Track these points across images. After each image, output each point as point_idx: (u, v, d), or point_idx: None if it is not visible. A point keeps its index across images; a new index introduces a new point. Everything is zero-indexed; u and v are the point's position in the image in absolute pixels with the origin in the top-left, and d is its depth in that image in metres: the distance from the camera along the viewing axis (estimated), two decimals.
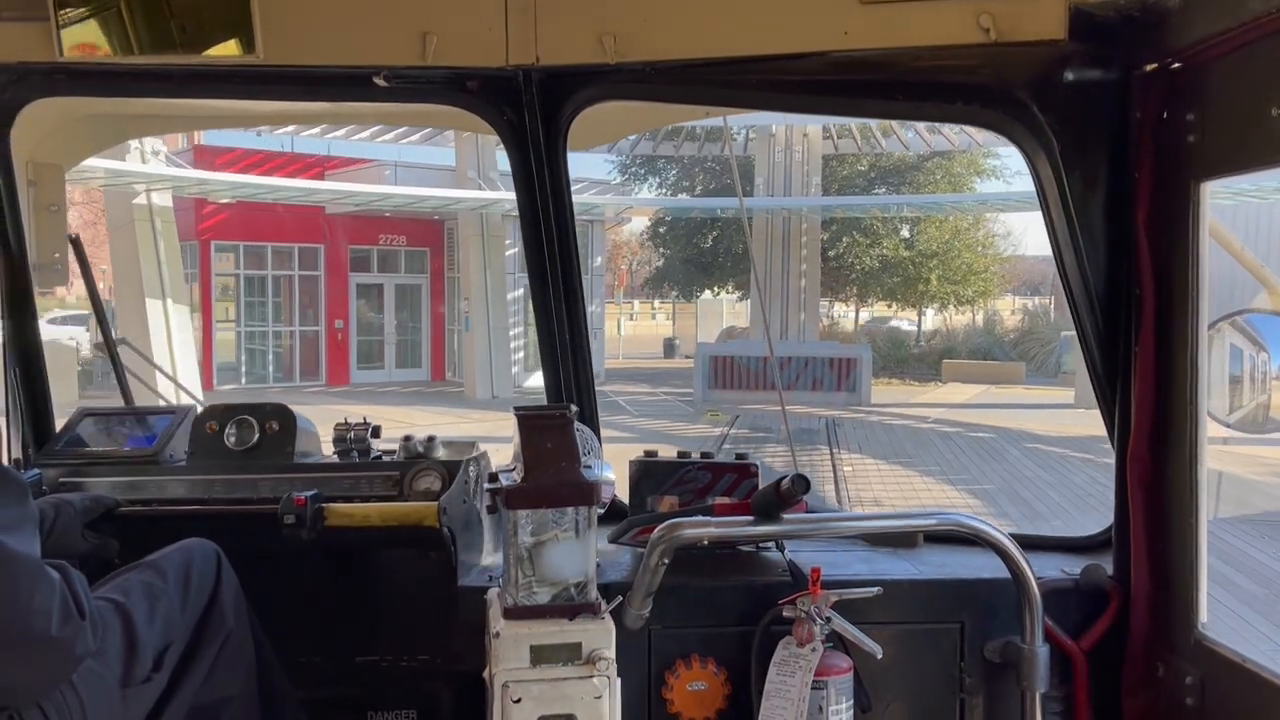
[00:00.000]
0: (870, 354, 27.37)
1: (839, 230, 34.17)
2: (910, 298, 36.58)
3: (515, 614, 2.34)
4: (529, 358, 28.08)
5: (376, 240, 29.78)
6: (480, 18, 2.76)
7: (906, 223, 35.21)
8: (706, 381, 25.81)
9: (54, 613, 1.80)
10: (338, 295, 29.33)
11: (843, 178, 34.99)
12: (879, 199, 33.12)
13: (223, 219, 27.52)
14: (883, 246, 34.47)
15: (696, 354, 27.88)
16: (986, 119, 2.75)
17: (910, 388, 30.01)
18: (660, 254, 40.03)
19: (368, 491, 2.87)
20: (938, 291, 35.35)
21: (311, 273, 29.27)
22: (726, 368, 25.96)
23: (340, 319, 29.35)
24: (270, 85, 2.97)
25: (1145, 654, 2.62)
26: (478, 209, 26.13)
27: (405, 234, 29.98)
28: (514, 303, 27.99)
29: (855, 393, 25.76)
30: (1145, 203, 2.53)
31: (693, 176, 37.56)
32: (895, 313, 41.54)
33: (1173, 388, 2.51)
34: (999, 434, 20.43)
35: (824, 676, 2.52)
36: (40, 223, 3.31)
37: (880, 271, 35.19)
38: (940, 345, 36.11)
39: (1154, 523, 2.59)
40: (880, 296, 38.19)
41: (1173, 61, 2.44)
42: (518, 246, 27.28)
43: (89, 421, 3.17)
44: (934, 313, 38.92)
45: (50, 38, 2.70)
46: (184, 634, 2.33)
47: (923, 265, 34.61)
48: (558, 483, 2.34)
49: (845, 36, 2.66)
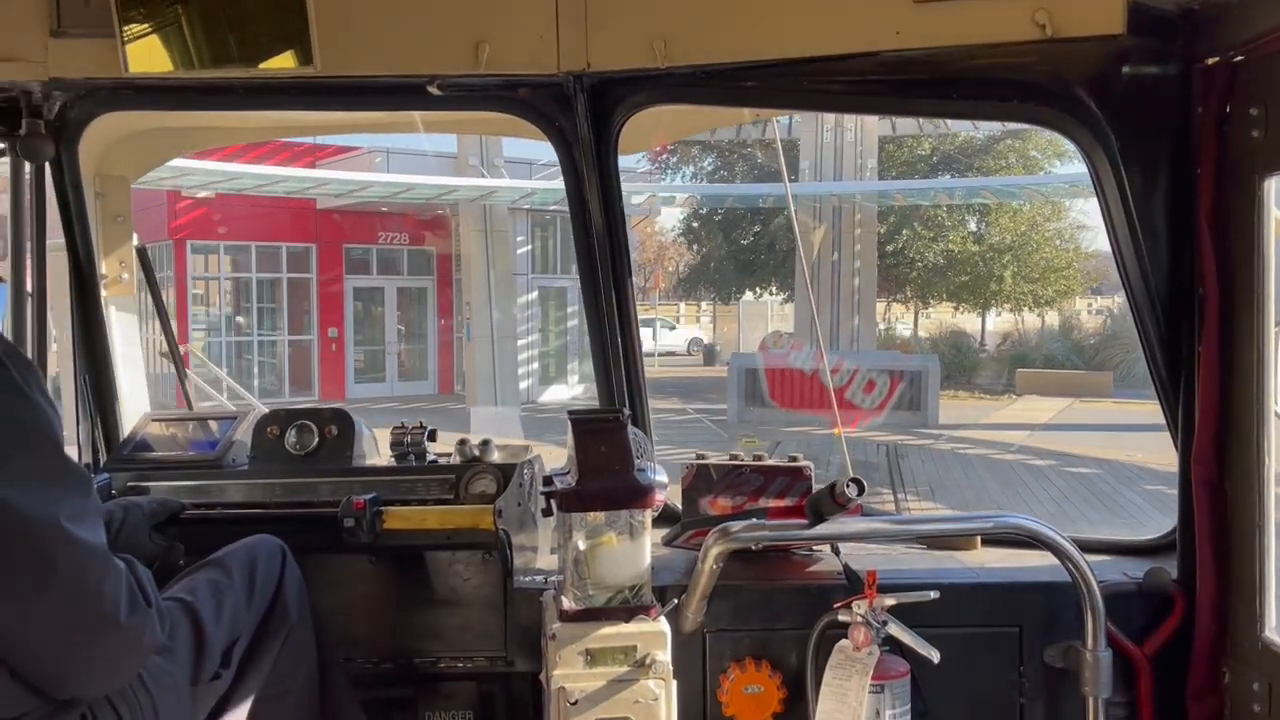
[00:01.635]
0: (938, 366, 23.08)
1: (897, 222, 29.94)
2: (980, 298, 32.28)
3: (571, 616, 2.35)
4: (547, 368, 26.38)
5: (375, 239, 26.59)
6: (532, 25, 2.79)
7: (974, 214, 30.86)
8: (742, 398, 22.17)
9: (122, 600, 1.84)
10: (332, 300, 26.27)
11: (901, 163, 31.01)
12: (944, 183, 28.87)
13: (199, 215, 24.22)
14: (948, 240, 30.27)
15: (730, 366, 23.80)
16: (1043, 117, 2.72)
17: (980, 402, 25.62)
18: (695, 251, 36.21)
19: (424, 495, 2.91)
20: (1012, 291, 31.15)
21: (302, 275, 26.09)
22: (766, 383, 22.19)
23: (334, 327, 26.24)
24: (327, 96, 3.03)
25: (1210, 659, 2.57)
26: (478, 198, 23.30)
27: (407, 231, 26.89)
28: (526, 307, 25.55)
29: (920, 411, 21.75)
30: (1208, 199, 2.48)
31: (731, 165, 33.34)
32: (955, 314, 36.05)
33: (1238, 388, 2.46)
34: (1105, 469, 15.95)
35: (881, 680, 2.50)
36: (107, 233, 3.40)
37: (945, 268, 31.01)
38: (1011, 351, 31.36)
39: (1219, 525, 2.53)
40: (944, 296, 33.44)
41: (1235, 55, 2.39)
42: (530, 244, 25.71)
43: (155, 427, 3.25)
44: (995, 315, 34.58)
45: (117, 54, 2.78)
46: (249, 628, 2.38)
47: (994, 261, 30.61)
48: (612, 486, 2.35)
49: (897, 36, 2.64)
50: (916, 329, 35.98)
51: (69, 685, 1.85)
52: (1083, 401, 24.27)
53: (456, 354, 27.02)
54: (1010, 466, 16.62)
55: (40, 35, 2.85)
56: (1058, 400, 24.22)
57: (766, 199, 26.89)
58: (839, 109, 3.10)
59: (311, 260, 26.06)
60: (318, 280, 26.16)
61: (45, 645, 1.79)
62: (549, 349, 26.85)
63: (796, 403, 20.72)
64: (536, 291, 26.26)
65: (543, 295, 26.53)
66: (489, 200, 23.44)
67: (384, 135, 26.57)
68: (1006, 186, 27.33)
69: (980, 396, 26.33)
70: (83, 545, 1.80)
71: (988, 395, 26.57)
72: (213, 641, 2.20)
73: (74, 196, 3.22)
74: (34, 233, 3.16)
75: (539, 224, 26.34)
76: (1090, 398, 24.54)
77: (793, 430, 17.37)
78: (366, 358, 27.15)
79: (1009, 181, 27.94)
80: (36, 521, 1.75)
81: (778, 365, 21.90)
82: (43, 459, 1.80)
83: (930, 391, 22.06)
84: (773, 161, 27.28)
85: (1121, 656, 2.64)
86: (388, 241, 26.95)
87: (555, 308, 27.05)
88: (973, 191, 27.46)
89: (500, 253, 24.21)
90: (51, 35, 2.85)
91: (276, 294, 26.36)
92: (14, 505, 1.72)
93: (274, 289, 26.37)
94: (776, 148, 14.52)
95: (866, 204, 25.98)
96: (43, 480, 1.78)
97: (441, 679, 2.98)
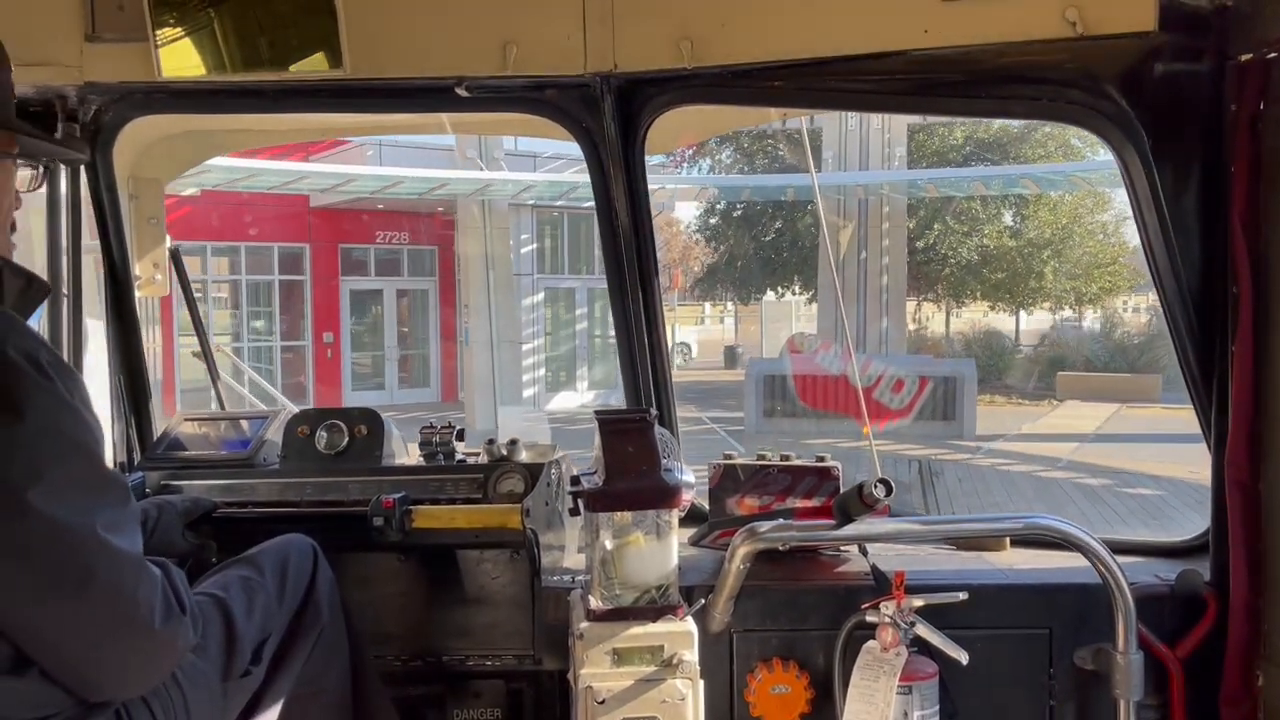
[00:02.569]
0: (975, 371, 20.96)
1: (928, 216, 28.06)
2: (1017, 296, 30.17)
3: (598, 616, 2.36)
4: (555, 374, 24.69)
5: (372, 238, 24.74)
6: (559, 27, 2.80)
7: (1010, 206, 28.77)
8: (760, 407, 20.32)
9: (157, 607, 1.87)
10: (327, 304, 24.36)
11: (932, 152, 28.82)
12: (980, 171, 26.30)
13: (185, 214, 21.15)
14: (983, 234, 28.43)
15: (748, 372, 21.92)
16: (1074, 115, 2.69)
17: (1018, 408, 23.68)
18: (714, 248, 33.86)
19: (453, 494, 2.92)
20: (1053, 288, 29.33)
21: (296, 277, 24.31)
22: (787, 389, 20.17)
23: (330, 332, 24.33)
24: (357, 98, 3.06)
25: (1244, 663, 2.53)
26: (474, 194, 21.19)
27: (408, 230, 24.85)
28: (531, 309, 23.89)
29: (955, 421, 19.67)
30: (1241, 197, 2.45)
31: (751, 156, 30.66)
32: (986, 314, 33.86)
33: (1272, 388, 2.43)
34: (1168, 489, 14.21)
35: (909, 681, 2.49)
36: (141, 235, 3.45)
37: (979, 265, 29.06)
38: (1048, 352, 28.78)
39: (1252, 527, 2.50)
40: (979, 295, 31.22)
41: (1269, 51, 2.36)
42: (535, 243, 24.29)
43: (188, 426, 3.29)
44: (1026, 314, 32.40)
45: (150, 58, 2.82)
46: (281, 626, 2.40)
47: (1033, 257, 28.59)
48: (639, 486, 2.36)
49: (926, 35, 2.62)
50: (949, 329, 34.08)
51: (103, 689, 1.88)
52: (1130, 407, 22.19)
53: (459, 359, 24.59)
54: (1060, 486, 14.93)
55: (75, 40, 2.89)
56: (1102, 406, 22.28)
57: (787, 191, 25.15)
58: (867, 108, 3.08)
59: (305, 261, 24.34)
60: (312, 282, 24.41)
61: (79, 650, 1.82)
62: (557, 353, 25.35)
63: (824, 403, 19.46)
64: (543, 293, 24.79)
65: (550, 296, 25.16)
66: (486, 195, 21.51)
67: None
68: (1049, 174, 24.31)
69: (1018, 402, 24.56)
70: (119, 554, 1.83)
71: (1026, 400, 24.76)
72: (244, 638, 2.23)
73: (109, 199, 3.27)
74: (69, 235, 3.21)
75: (545, 221, 25.00)
76: (1137, 403, 22.39)
77: (817, 442, 14.54)
78: (365, 364, 25.37)
79: (1053, 169, 25.17)
80: (74, 530, 1.78)
81: (805, 367, 20.12)
82: (82, 468, 1.83)
83: (966, 399, 19.95)
84: (794, 154, 25.47)
85: (1153, 659, 2.61)
86: (386, 241, 25.09)
87: (563, 310, 25.68)
88: (1012, 181, 24.75)
89: (500, 251, 22.27)
90: (86, 40, 2.89)
91: (269, 297, 24.75)
92: (52, 515, 1.76)
93: (266, 292, 24.75)
94: (801, 135, 12.88)
95: (895, 196, 23.71)
96: (82, 489, 1.81)
97: (470, 677, 2.99)
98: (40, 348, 1.85)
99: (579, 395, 24.57)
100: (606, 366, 24.95)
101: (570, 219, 25.31)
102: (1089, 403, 22.86)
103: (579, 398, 24.31)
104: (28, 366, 1.79)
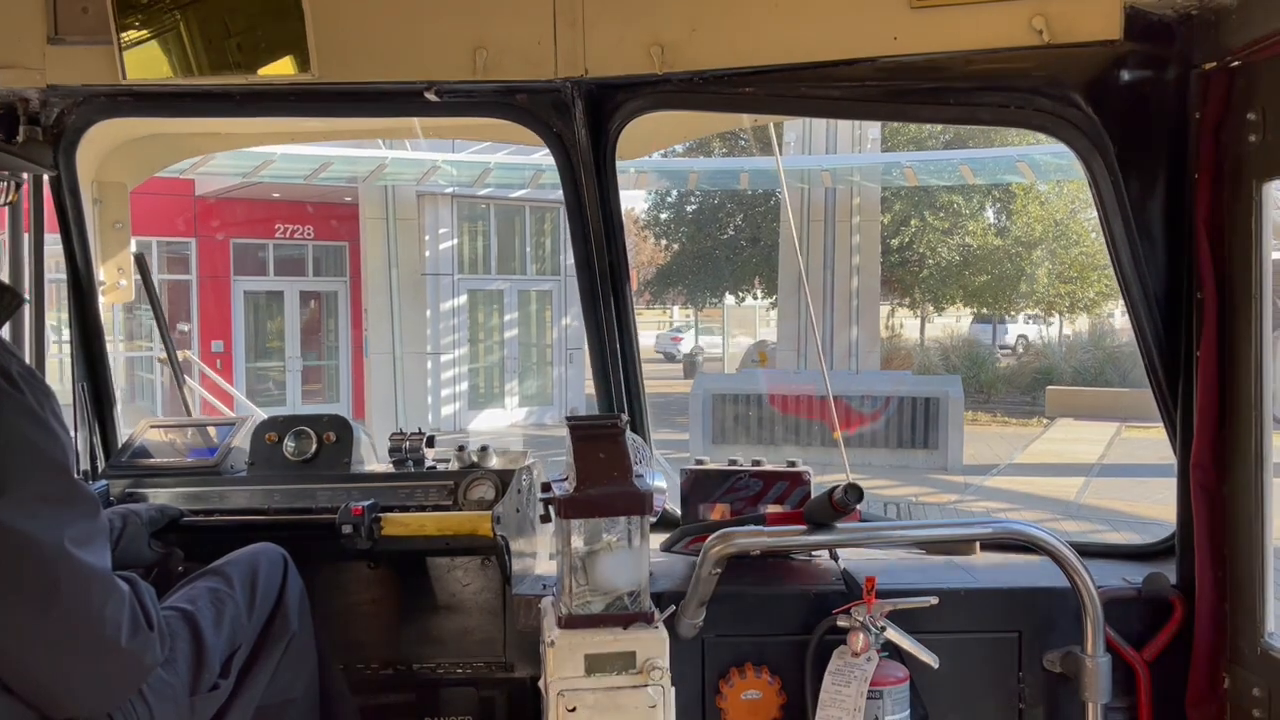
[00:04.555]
0: (960, 390, 17.44)
1: (904, 210, 25.21)
2: (1003, 301, 27.33)
3: (570, 623, 2.35)
4: (478, 389, 21.37)
5: (271, 232, 21.04)
6: (530, 31, 2.79)
7: (995, 200, 25.89)
8: (708, 431, 16.92)
9: (124, 624, 1.84)
10: (217, 307, 20.90)
11: (909, 139, 25.99)
12: (968, 153, 22.11)
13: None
14: (965, 232, 25.52)
15: (694, 389, 18.08)
16: (1040, 122, 2.72)
17: (1005, 427, 20.82)
18: (662, 247, 30.66)
19: (423, 501, 2.90)
20: (1045, 293, 26.26)
21: (180, 277, 20.74)
22: (742, 411, 16.96)
23: (220, 339, 20.74)
24: (325, 103, 3.03)
25: (1210, 665, 2.56)
26: (370, 176, 17.83)
27: (313, 223, 21.20)
28: (451, 314, 20.59)
29: (938, 450, 16.36)
30: (1206, 204, 2.48)
31: (706, 144, 26.51)
32: (959, 318, 30.81)
33: (1236, 392, 2.46)
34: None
35: (880, 686, 2.50)
36: (106, 240, 3.41)
37: (961, 267, 26.04)
38: (1034, 363, 26.34)
39: (1218, 531, 2.53)
40: (961, 299, 28.17)
41: (1232, 60, 2.39)
42: (456, 238, 20.76)
43: (153, 433, 3.25)
44: (1011, 319, 29.42)
45: (114, 61, 2.78)
46: (250, 638, 2.38)
47: (1022, 257, 25.74)
48: (610, 492, 2.35)
49: (895, 42, 2.64)
50: (923, 337, 30.63)
51: (66, 706, 1.86)
52: (1130, 427, 19.18)
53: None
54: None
55: (37, 42, 2.85)
56: (1099, 426, 19.40)
57: (741, 176, 21.18)
58: (837, 114, 3.08)
59: (191, 259, 20.88)
60: (198, 282, 20.94)
61: (44, 666, 1.79)
62: (481, 365, 21.89)
63: (793, 407, 16.95)
64: (465, 295, 21.15)
65: (474, 300, 21.54)
66: (386, 180, 18.39)
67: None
68: (1051, 157, 17.82)
69: (1004, 420, 21.81)
70: (86, 569, 1.81)
71: (1012, 419, 22.00)
72: (212, 652, 2.20)
73: (72, 204, 3.22)
74: (32, 240, 3.16)
75: (469, 215, 21.40)
76: (1137, 421, 18.98)
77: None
78: (262, 376, 21.56)
79: (1055, 150, 17.02)
80: (41, 545, 1.76)
81: (757, 390, 17.37)
82: (52, 483, 1.81)
83: (950, 423, 16.45)
84: (758, 139, 19.10)
85: (1121, 662, 2.63)
86: (288, 235, 21.41)
87: (490, 315, 22.08)
88: (1007, 164, 19.90)
89: (407, 247, 19.49)
90: (49, 42, 2.85)
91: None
92: (20, 529, 1.74)
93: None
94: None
95: (868, 185, 20.47)
96: (50, 504, 1.79)
97: (441, 685, 2.97)
98: (11, 359, 1.83)
99: (507, 413, 21.51)
100: (540, 379, 22.40)
101: (499, 211, 21.74)
102: (1083, 421, 20.30)
103: (508, 415, 21.44)
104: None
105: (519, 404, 21.99)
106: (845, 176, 19.80)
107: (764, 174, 19.81)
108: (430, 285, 20.53)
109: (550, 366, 22.48)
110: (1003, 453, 17.40)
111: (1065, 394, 22.51)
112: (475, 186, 19.46)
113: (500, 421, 21.08)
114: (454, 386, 20.82)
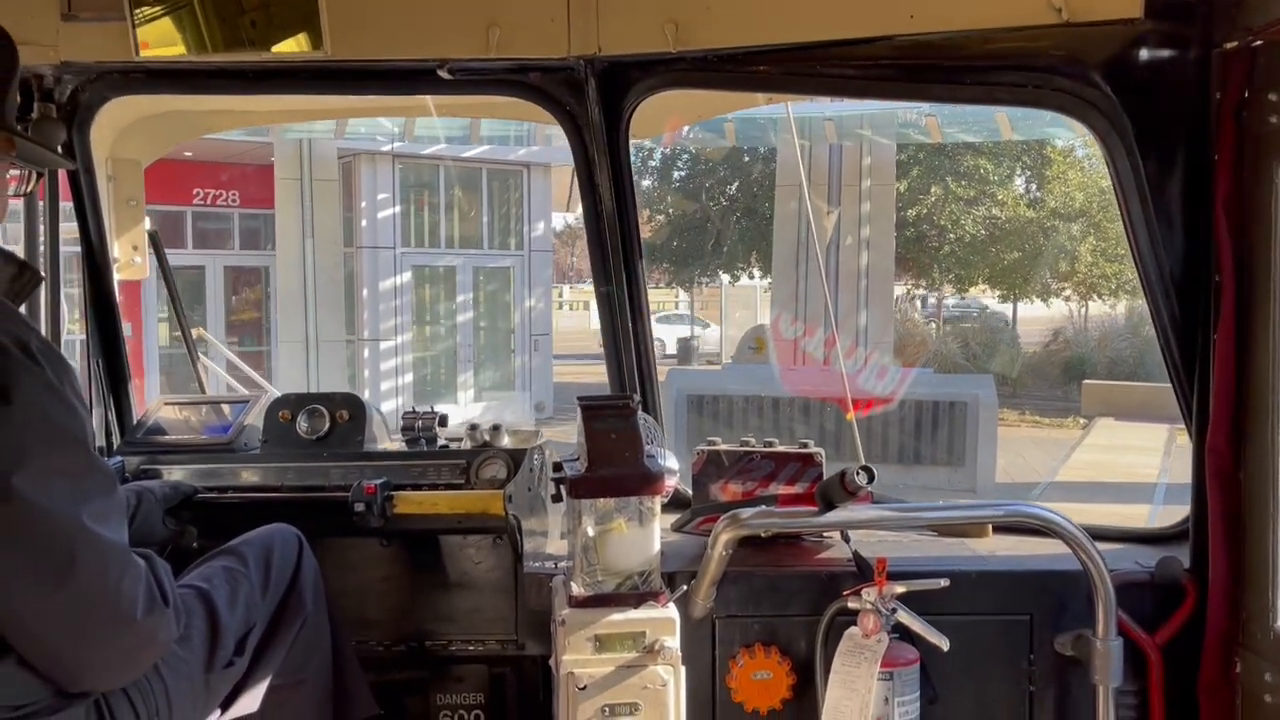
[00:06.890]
0: (994, 393, 14.30)
1: (922, 176, 21.84)
2: (1035, 283, 23.94)
3: (580, 602, 2.36)
4: (425, 380, 18.56)
5: (189, 198, 17.62)
6: (543, 9, 2.77)
7: (1026, 168, 22.59)
8: (683, 437, 13.08)
9: (140, 599, 1.86)
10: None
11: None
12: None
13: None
14: (993, 201, 22.38)
15: (666, 387, 13.48)
16: (1059, 101, 2.69)
17: (1038, 429, 18.05)
18: (646, 218, 25.74)
19: (435, 479, 2.91)
20: (1088, 273, 23.02)
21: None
22: (719, 413, 13.72)
23: (128, 322, 11.51)
24: (338, 80, 3.02)
25: (1222, 650, 2.55)
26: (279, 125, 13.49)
27: (238, 188, 18.12)
28: (394, 294, 17.74)
29: (964, 468, 13.34)
30: (1225, 186, 2.45)
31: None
32: (964, 295, 26.77)
33: (1253, 377, 2.44)
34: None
35: (890, 668, 2.50)
36: (120, 217, 3.41)
37: (987, 242, 22.77)
38: (1063, 352, 23.10)
39: (1232, 515, 2.52)
40: (987, 280, 24.89)
41: (1254, 39, 2.35)
42: (398, 204, 17.79)
43: (168, 410, 3.26)
44: (1028, 302, 25.72)
45: (128, 37, 2.78)
46: (265, 617, 2.39)
47: (1059, 232, 22.64)
48: (621, 472, 2.35)
49: (911, 20, 2.61)
50: (940, 323, 26.89)
51: (82, 680, 1.87)
52: (1184, 431, 13.17)
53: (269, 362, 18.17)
54: None
55: (51, 19, 2.85)
56: (1145, 428, 15.88)
57: (725, 128, 15.27)
58: (853, 94, 3.06)
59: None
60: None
61: (61, 640, 1.80)
62: (430, 353, 19.20)
63: (807, 388, 14.00)
64: (409, 273, 18.31)
65: (418, 278, 18.66)
66: (301, 133, 14.94)
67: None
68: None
69: (1036, 421, 18.99)
70: (103, 543, 1.82)
71: (1044, 417, 19.21)
72: (227, 630, 2.22)
73: (86, 181, 3.23)
74: (47, 217, 3.17)
75: (414, 180, 18.48)
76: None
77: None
78: (178, 364, 17.28)
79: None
80: (58, 518, 1.77)
81: (741, 391, 14.32)
82: (70, 458, 1.82)
83: (982, 432, 13.40)
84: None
85: (1132, 645, 2.63)
86: (208, 201, 18.19)
87: (440, 296, 19.29)
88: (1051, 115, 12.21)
89: (326, 213, 16.28)
90: (62, 19, 2.85)
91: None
92: (38, 503, 1.75)
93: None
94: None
95: (880, 140, 16.40)
96: (69, 479, 1.80)
97: (453, 662, 2.99)
98: (31, 334, 1.84)
99: (461, 408, 17.86)
100: (500, 368, 19.57)
101: (451, 176, 18.79)
102: (1125, 422, 17.22)
103: (461, 411, 17.15)
104: (17, 352, 1.78)
105: (474, 398, 19.11)
106: (853, 130, 15.72)
107: (749, 124, 14.97)
108: (368, 260, 17.60)
109: (513, 355, 19.73)
110: (1039, 464, 14.55)
111: (1103, 389, 19.67)
112: (473, 142, 16.68)
113: (453, 418, 18.96)
114: (396, 379, 17.95)
